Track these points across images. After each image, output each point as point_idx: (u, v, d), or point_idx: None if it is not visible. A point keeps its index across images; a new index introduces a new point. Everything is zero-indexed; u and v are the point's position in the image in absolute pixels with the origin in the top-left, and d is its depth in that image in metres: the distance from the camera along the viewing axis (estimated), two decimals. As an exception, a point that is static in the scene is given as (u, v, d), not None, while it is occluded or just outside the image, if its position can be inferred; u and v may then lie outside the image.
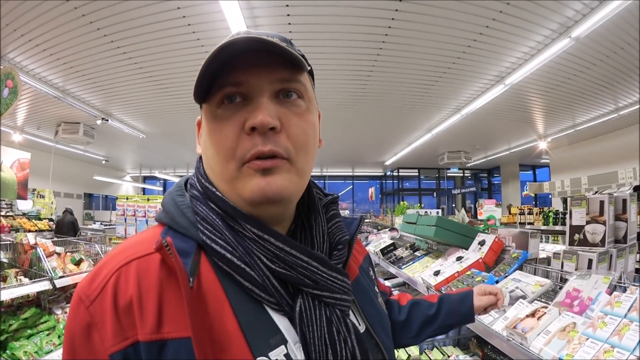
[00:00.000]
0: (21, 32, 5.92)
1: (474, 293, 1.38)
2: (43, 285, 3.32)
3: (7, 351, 3.01)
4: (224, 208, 0.76)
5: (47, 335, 3.32)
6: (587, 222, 2.38)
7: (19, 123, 10.97)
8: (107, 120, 10.07)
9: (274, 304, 0.72)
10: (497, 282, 2.24)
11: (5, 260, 3.75)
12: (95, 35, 5.96)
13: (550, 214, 8.61)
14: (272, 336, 0.70)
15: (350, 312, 0.82)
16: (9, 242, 3.95)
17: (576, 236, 2.43)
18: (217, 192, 0.77)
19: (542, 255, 2.70)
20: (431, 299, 1.39)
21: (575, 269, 2.19)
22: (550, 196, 14.03)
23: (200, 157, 0.86)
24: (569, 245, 2.47)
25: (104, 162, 17.57)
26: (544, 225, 8.68)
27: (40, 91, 8.08)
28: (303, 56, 0.78)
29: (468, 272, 2.49)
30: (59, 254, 3.92)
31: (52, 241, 4.07)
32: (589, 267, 2.15)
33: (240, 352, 0.65)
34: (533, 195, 16.55)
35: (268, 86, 0.73)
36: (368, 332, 0.86)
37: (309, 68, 0.79)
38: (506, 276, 2.28)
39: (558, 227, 8.14)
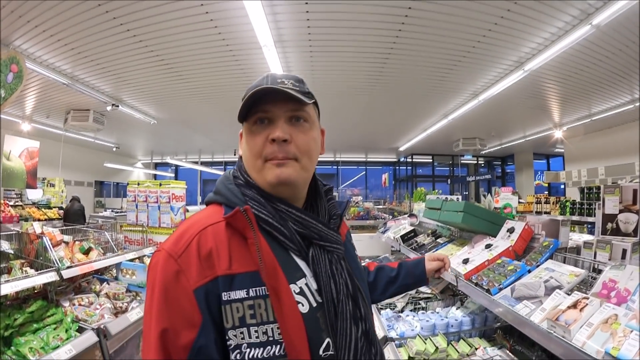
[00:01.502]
0: (27, 19, 5.81)
1: (425, 259, 1.91)
2: (49, 277, 3.19)
3: (12, 347, 2.85)
4: (262, 193, 1.14)
5: (54, 329, 3.13)
6: (620, 211, 2.27)
7: (28, 112, 10.90)
8: (118, 106, 9.98)
9: (296, 250, 1.11)
10: (529, 271, 2.11)
11: (10, 251, 3.62)
12: (104, 18, 5.83)
13: (568, 203, 8.48)
14: (296, 272, 1.09)
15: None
16: (14, 232, 3.81)
17: (609, 225, 2.32)
18: (254, 182, 1.16)
19: (570, 244, 2.57)
20: (392, 265, 1.88)
21: (609, 259, 2.08)
22: (562, 186, 13.88)
23: (241, 157, 1.26)
24: (602, 234, 2.35)
25: (114, 149, 17.52)
26: (561, 214, 8.53)
27: (49, 78, 8.01)
28: (309, 93, 1.18)
29: (499, 261, 2.35)
30: (66, 243, 3.83)
31: (59, 230, 3.96)
32: (623, 257, 2.03)
33: (281, 280, 1.02)
34: (546, 184, 16.43)
35: (283, 114, 1.12)
36: (350, 272, 1.21)
37: (312, 101, 1.18)
38: (538, 265, 2.15)
39: (575, 217, 8.00)
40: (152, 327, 0.96)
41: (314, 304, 1.07)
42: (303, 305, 1.05)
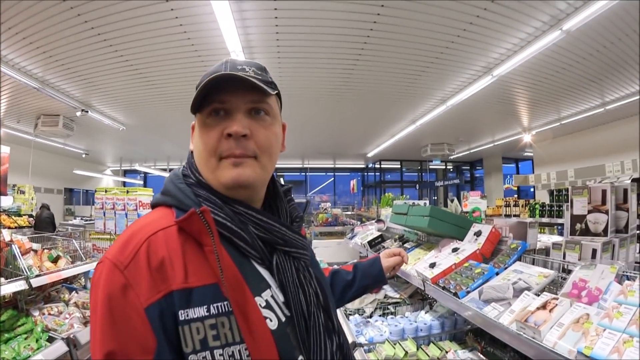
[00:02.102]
0: (-2, 20, 5.68)
1: (381, 257, 1.85)
2: (18, 285, 3.16)
3: None
4: (215, 194, 1.03)
5: (25, 339, 3.11)
6: (589, 212, 2.32)
7: (-1, 117, 10.63)
8: (87, 111, 9.80)
9: (258, 258, 1.01)
10: (497, 273, 2.15)
11: None
12: (75, 22, 5.73)
13: (537, 206, 8.58)
14: (260, 282, 0.99)
15: None
16: None
17: (577, 226, 2.38)
18: (207, 183, 1.05)
19: (539, 246, 2.62)
20: (347, 268, 1.81)
21: (579, 259, 2.13)
22: (532, 189, 14.06)
23: (192, 153, 1.13)
24: (570, 235, 2.41)
25: (84, 155, 17.15)
26: (530, 217, 8.63)
27: (20, 82, 7.82)
28: (272, 83, 1.10)
29: (466, 264, 2.40)
30: (35, 251, 3.77)
31: (28, 237, 3.91)
32: (593, 257, 2.09)
33: (246, 293, 0.92)
34: (515, 188, 16.63)
35: (243, 105, 1.03)
36: (318, 279, 1.13)
37: (275, 92, 1.08)
38: (506, 267, 2.19)
39: (545, 219, 8.11)
40: (96, 351, 0.81)
41: (283, 318, 0.97)
42: (271, 320, 0.94)
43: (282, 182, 1.30)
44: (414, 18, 5.86)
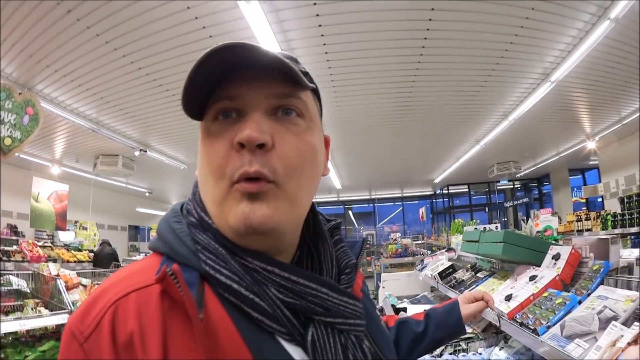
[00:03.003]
0: (46, 63, 6.00)
1: (459, 302, 1.42)
2: (61, 319, 3.24)
3: None
4: (219, 239, 0.70)
5: None
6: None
7: (57, 156, 11.16)
8: (146, 151, 10.17)
9: (285, 334, 0.67)
10: (579, 302, 1.87)
11: (27, 290, 3.70)
12: (123, 62, 6.00)
13: (609, 217, 8.14)
14: None
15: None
16: (31, 272, 3.90)
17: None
18: (213, 224, 0.72)
19: (621, 263, 2.32)
20: (418, 317, 1.39)
21: (667, 276, 1.83)
22: (600, 199, 13.45)
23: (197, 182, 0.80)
24: (657, 246, 2.10)
25: (147, 194, 17.82)
26: (603, 230, 8.20)
27: (75, 123, 8.16)
28: (307, 73, 0.76)
29: (545, 294, 2.10)
30: (85, 286, 3.84)
31: (77, 273, 4.04)
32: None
33: None
34: (583, 200, 16.01)
35: (264, 101, 0.69)
36: (377, 355, 0.81)
37: (312, 86, 0.75)
38: (589, 294, 1.91)
39: (617, 230, 7.67)
40: None
41: None
42: None
43: (327, 217, 0.95)
44: (461, 37, 5.78)
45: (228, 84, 0.68)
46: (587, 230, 8.75)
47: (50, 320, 3.13)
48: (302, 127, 0.72)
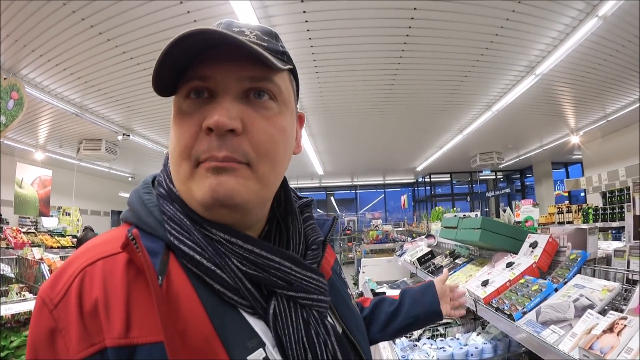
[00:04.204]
0: (31, 48, 5.88)
1: (436, 282, 1.45)
2: None
3: None
4: (186, 212, 0.72)
5: None
6: (655, 211, 2.06)
7: (41, 141, 11.02)
8: (129, 135, 10.05)
9: (247, 307, 0.69)
10: (556, 289, 1.91)
11: (11, 275, 3.68)
12: (108, 46, 5.89)
13: (590, 210, 8.25)
14: (249, 339, 0.67)
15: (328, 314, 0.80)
16: (15, 257, 3.87)
17: (641, 228, 2.11)
18: (177, 192, 0.74)
19: (599, 254, 2.36)
20: (394, 297, 1.41)
21: (644, 267, 1.85)
22: (582, 193, 13.58)
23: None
24: (634, 239, 2.14)
25: (130, 179, 17.69)
26: (584, 222, 8.31)
27: (59, 108, 8.08)
28: (284, 53, 0.77)
29: (522, 280, 2.15)
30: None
31: (60, 257, 4.03)
32: (662, 264, 1.82)
33: (217, 356, 0.62)
34: (566, 194, 16.16)
35: (235, 84, 0.69)
36: (345, 333, 0.83)
37: (287, 67, 0.74)
38: (566, 282, 1.94)
39: (599, 224, 7.76)
40: None
41: None
42: None
43: (299, 195, 0.97)
44: (447, 27, 5.76)
45: (201, 64, 0.68)
46: (569, 222, 8.85)
47: (34, 304, 3.15)
48: (274, 110, 0.73)
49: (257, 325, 0.69)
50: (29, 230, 9.67)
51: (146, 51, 6.05)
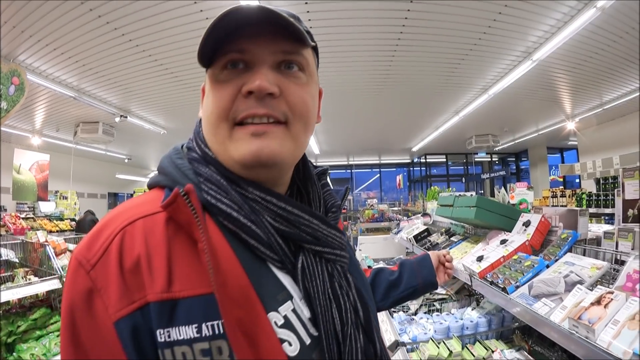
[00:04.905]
0: (29, 33, 5.86)
1: (431, 255, 1.59)
2: (52, 284, 3.20)
3: (14, 354, 2.93)
4: (222, 172, 0.77)
5: (57, 336, 3.21)
6: (642, 195, 2.13)
7: (37, 126, 11.00)
8: (126, 117, 10.02)
9: (277, 261, 0.75)
10: (547, 266, 1.99)
11: (15, 260, 3.69)
12: (105, 29, 5.86)
13: (584, 195, 8.33)
14: (278, 292, 0.73)
15: None
16: (19, 241, 3.87)
17: (630, 212, 2.19)
18: (216, 158, 0.79)
19: (589, 236, 2.44)
20: (393, 268, 1.53)
21: (632, 249, 1.94)
22: (577, 179, 13.65)
23: (200, 122, 0.87)
24: (623, 222, 2.22)
25: (126, 160, 17.69)
26: (577, 207, 8.38)
27: (56, 92, 8.06)
28: (309, 32, 0.81)
29: (515, 257, 2.23)
30: (71, 251, 3.80)
31: (64, 239, 4.00)
32: (647, 245, 1.89)
33: (253, 307, 0.67)
34: (561, 179, 16.22)
35: (270, 56, 0.75)
36: (359, 289, 0.87)
37: (313, 44, 0.82)
38: (557, 259, 2.02)
39: (592, 210, 7.87)
40: None
41: (307, 341, 0.72)
42: (291, 344, 0.70)
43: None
44: (447, 3, 5.68)
45: (237, 39, 0.74)
46: (562, 206, 8.90)
47: (41, 287, 3.12)
48: (303, 80, 0.79)
49: (285, 279, 0.75)
50: (28, 216, 9.66)
51: (144, 33, 6.02)
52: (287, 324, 0.71)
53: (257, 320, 0.66)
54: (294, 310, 0.73)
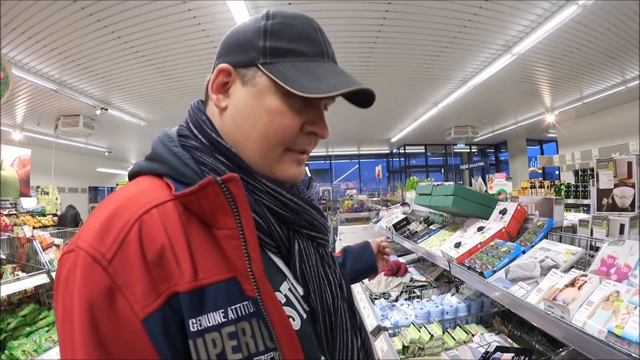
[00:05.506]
0: (12, 26, 5.76)
1: (370, 242, 1.78)
2: (40, 279, 3.19)
3: (5, 351, 2.91)
4: (237, 163, 0.81)
5: (47, 331, 3.21)
6: (615, 185, 2.22)
7: (18, 120, 10.85)
8: (107, 109, 9.92)
9: (274, 247, 0.83)
10: (523, 252, 2.07)
11: (2, 256, 3.65)
12: (88, 21, 5.79)
13: (562, 187, 8.46)
14: (276, 274, 0.81)
15: None
16: (5, 238, 3.82)
17: (604, 200, 2.26)
18: (231, 148, 0.81)
19: (565, 224, 2.52)
20: (337, 254, 1.69)
21: (607, 235, 2.02)
22: (557, 171, 13.81)
23: (202, 106, 0.90)
24: (597, 210, 2.30)
25: (107, 153, 17.50)
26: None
27: (37, 85, 7.96)
28: None
29: (492, 243, 2.31)
30: (57, 246, 3.81)
31: (50, 233, 3.98)
32: (621, 232, 1.97)
33: (266, 287, 0.70)
34: (540, 171, 16.37)
35: (329, 102, 0.92)
36: (340, 270, 1.00)
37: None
38: (533, 245, 2.11)
39: (570, 200, 8.01)
40: None
41: (304, 315, 0.80)
42: (294, 319, 0.77)
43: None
44: (427, 2, 5.77)
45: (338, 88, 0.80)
46: (540, 196, 9.02)
47: (29, 282, 3.11)
48: None
49: (278, 261, 0.84)
50: (10, 212, 9.56)
51: (127, 24, 5.98)
52: (289, 302, 0.79)
53: (273, 300, 0.71)
54: (290, 290, 0.81)
